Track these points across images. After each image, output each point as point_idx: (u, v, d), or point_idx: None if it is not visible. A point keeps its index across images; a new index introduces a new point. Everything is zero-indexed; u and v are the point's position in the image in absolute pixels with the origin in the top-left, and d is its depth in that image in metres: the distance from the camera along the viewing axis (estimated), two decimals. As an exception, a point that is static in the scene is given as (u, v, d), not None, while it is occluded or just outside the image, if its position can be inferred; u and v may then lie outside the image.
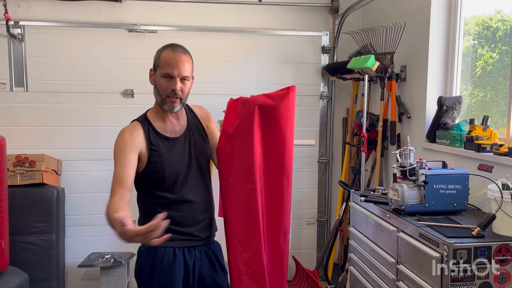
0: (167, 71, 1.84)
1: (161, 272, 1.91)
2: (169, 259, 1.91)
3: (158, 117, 1.93)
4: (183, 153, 1.94)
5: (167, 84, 1.84)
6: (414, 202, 2.06)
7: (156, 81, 1.88)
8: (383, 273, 2.22)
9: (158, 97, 1.89)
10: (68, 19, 3.57)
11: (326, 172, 4.04)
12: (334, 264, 3.82)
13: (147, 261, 1.93)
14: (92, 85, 3.64)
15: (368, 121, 3.14)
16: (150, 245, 1.90)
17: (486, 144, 2.24)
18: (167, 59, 1.85)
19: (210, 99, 2.99)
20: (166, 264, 1.91)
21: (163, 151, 1.89)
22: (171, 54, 1.85)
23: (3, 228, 2.95)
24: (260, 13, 3.81)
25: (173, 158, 1.90)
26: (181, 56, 1.85)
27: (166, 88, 1.85)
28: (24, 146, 3.54)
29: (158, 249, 1.90)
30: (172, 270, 1.91)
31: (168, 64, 1.84)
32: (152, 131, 1.89)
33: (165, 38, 3.54)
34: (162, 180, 1.90)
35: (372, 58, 2.83)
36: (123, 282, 3.41)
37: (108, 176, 1.89)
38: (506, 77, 2.41)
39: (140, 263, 1.96)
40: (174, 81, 1.84)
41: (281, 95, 1.94)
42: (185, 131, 1.98)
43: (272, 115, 1.91)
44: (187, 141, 1.97)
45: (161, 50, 1.89)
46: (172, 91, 1.84)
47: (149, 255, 1.92)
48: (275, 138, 1.93)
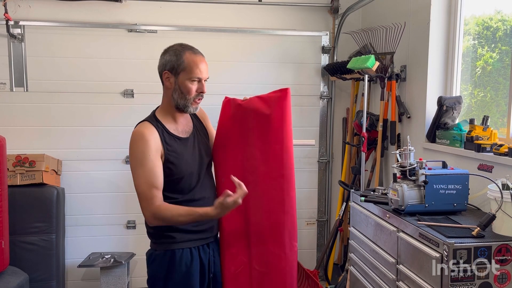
0: (198, 75, 1.85)
1: (179, 273, 1.88)
2: (187, 260, 1.90)
3: (169, 117, 1.93)
4: (194, 153, 1.95)
5: (196, 87, 1.87)
6: (414, 202, 2.06)
7: (181, 84, 1.86)
8: (383, 273, 2.22)
9: (182, 100, 1.88)
10: (68, 19, 3.57)
11: (326, 172, 4.04)
12: (334, 264, 3.82)
13: (163, 264, 1.89)
14: (92, 85, 3.64)
15: (368, 121, 3.14)
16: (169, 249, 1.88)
17: (486, 144, 2.24)
18: (194, 63, 1.85)
19: (210, 99, 2.98)
20: (184, 266, 1.89)
21: (179, 152, 1.89)
22: (196, 58, 1.87)
23: (3, 228, 2.95)
24: (260, 13, 3.81)
25: (187, 158, 1.90)
26: (204, 60, 1.89)
27: (193, 91, 1.87)
28: (24, 146, 3.54)
29: (176, 251, 1.89)
30: (190, 272, 1.90)
31: (197, 67, 1.85)
32: (165, 132, 1.89)
33: (165, 38, 3.55)
34: (178, 180, 1.89)
35: (372, 58, 2.83)
36: (123, 282, 3.41)
37: (108, 176, 1.88)
38: (506, 77, 2.41)
39: (155, 267, 1.92)
40: (202, 83, 1.88)
41: (275, 98, 1.93)
42: (192, 130, 1.99)
43: (268, 119, 1.92)
44: (195, 140, 1.98)
45: (181, 52, 1.86)
46: (198, 93, 1.88)
47: (166, 258, 1.89)
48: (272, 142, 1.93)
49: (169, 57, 1.87)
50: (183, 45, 1.90)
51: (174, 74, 1.86)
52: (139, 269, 3.76)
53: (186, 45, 1.90)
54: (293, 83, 3.84)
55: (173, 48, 1.89)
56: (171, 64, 1.86)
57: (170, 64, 1.86)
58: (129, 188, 1.81)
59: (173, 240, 1.89)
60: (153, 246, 1.94)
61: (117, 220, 3.76)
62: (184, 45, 1.90)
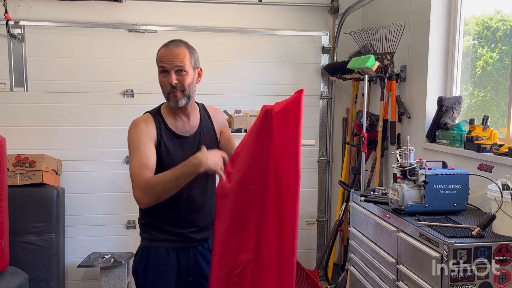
0: (161, 65, 1.86)
1: (154, 270, 1.94)
2: (161, 259, 1.94)
3: (170, 114, 1.93)
4: (191, 153, 1.88)
5: (165, 80, 1.85)
6: (414, 202, 2.06)
7: (159, 79, 1.89)
8: (383, 273, 2.22)
9: (164, 95, 1.90)
10: (68, 19, 3.57)
11: (326, 172, 4.04)
12: (334, 264, 3.82)
13: (142, 259, 1.97)
14: (92, 85, 3.64)
15: (368, 121, 3.14)
16: (146, 245, 1.95)
17: (486, 144, 2.24)
18: (160, 56, 1.87)
19: (210, 99, 2.98)
20: (159, 263, 1.94)
21: (170, 147, 1.88)
22: (164, 50, 1.87)
23: (3, 228, 2.94)
24: (260, 13, 3.81)
25: (179, 156, 1.86)
26: (173, 49, 1.85)
27: (165, 84, 1.86)
28: (24, 146, 3.54)
29: (152, 248, 1.95)
30: (164, 269, 1.94)
31: (161, 59, 1.86)
32: (163, 126, 1.90)
33: (165, 38, 3.50)
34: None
35: (372, 58, 2.83)
36: (123, 282, 3.41)
37: (108, 176, 1.89)
38: (506, 77, 2.41)
39: (136, 260, 2.01)
40: (169, 74, 1.84)
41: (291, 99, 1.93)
42: (196, 131, 1.97)
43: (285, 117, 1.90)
44: (196, 141, 1.95)
45: (159, 49, 1.91)
46: (170, 86, 1.84)
47: (144, 254, 1.96)
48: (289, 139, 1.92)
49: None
50: (166, 42, 1.92)
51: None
52: (139, 269, 3.76)
53: (169, 40, 1.92)
54: (293, 83, 3.84)
55: None
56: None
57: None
58: (129, 188, 1.80)
59: (150, 237, 1.96)
60: (140, 240, 2.03)
61: (117, 220, 3.76)
62: (168, 41, 1.92)
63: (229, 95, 3.78)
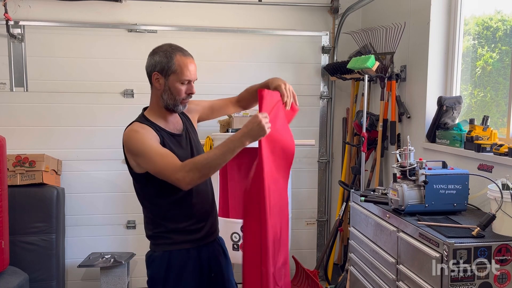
0: (188, 77, 1.85)
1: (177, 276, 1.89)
2: (183, 261, 1.90)
3: (160, 117, 1.92)
4: (187, 149, 1.95)
5: (184, 88, 1.87)
6: (414, 202, 2.06)
7: (171, 86, 1.85)
8: (383, 273, 2.22)
9: (172, 101, 1.87)
10: (68, 19, 3.57)
11: (326, 172, 4.04)
12: (334, 264, 3.82)
13: (162, 264, 1.89)
14: (92, 85, 3.64)
15: (368, 121, 3.14)
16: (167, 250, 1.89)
17: (486, 144, 2.24)
18: (185, 65, 1.84)
19: (210, 99, 2.99)
20: (181, 266, 1.89)
21: (172, 146, 1.88)
22: (186, 60, 1.85)
23: (3, 228, 2.95)
24: (260, 13, 3.80)
25: (182, 154, 1.88)
26: (192, 60, 1.88)
27: (182, 92, 1.87)
28: (24, 146, 3.54)
29: (173, 252, 1.89)
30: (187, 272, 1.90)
31: (187, 70, 1.84)
32: (159, 128, 1.89)
33: (165, 38, 3.54)
34: None
35: (372, 58, 2.83)
36: (123, 282, 3.41)
37: (108, 176, 1.88)
38: (506, 77, 2.41)
39: (153, 269, 1.91)
40: (191, 85, 1.89)
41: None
42: (183, 128, 1.99)
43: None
44: (187, 137, 1.99)
45: (171, 54, 1.84)
46: (189, 94, 1.89)
47: (165, 258, 1.89)
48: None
49: (159, 58, 1.85)
50: (172, 46, 1.88)
51: (164, 76, 1.85)
52: (139, 269, 3.76)
53: (175, 46, 1.89)
54: (293, 83, 3.78)
55: (163, 49, 1.87)
56: (161, 65, 1.84)
57: (160, 65, 1.85)
58: (129, 188, 1.80)
59: (171, 241, 1.90)
60: (152, 248, 1.94)
61: (117, 220, 3.76)
62: (173, 46, 1.88)
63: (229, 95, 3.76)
